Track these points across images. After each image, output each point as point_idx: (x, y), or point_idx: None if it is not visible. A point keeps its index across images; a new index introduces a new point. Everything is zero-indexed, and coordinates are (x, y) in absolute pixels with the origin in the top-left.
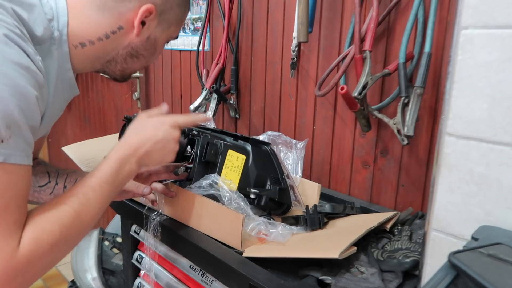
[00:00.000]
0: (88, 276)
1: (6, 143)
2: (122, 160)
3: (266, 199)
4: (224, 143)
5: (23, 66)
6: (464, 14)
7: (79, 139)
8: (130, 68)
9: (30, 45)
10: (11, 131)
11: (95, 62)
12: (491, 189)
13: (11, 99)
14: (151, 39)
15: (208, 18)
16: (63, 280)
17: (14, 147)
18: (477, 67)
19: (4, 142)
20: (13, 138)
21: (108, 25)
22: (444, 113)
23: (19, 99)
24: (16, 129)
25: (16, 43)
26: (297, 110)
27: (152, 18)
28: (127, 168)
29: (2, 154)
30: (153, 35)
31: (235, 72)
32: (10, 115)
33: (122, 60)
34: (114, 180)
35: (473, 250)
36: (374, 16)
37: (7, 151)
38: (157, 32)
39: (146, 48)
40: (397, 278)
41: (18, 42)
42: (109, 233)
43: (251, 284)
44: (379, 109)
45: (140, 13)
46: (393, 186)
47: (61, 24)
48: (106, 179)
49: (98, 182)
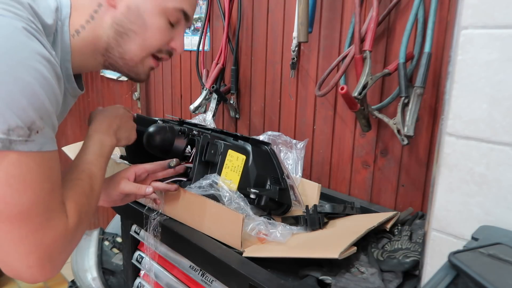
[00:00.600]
0: (88, 276)
1: (41, 133)
2: (102, 134)
3: (266, 199)
4: (224, 143)
5: (46, 58)
6: (464, 14)
7: (79, 139)
8: (128, 52)
9: (45, 38)
10: (44, 122)
11: (95, 53)
12: (491, 189)
13: (41, 91)
14: (132, 9)
15: (208, 18)
16: (63, 280)
17: (47, 136)
18: (477, 67)
19: (40, 132)
20: (46, 128)
21: (89, 5)
22: (444, 113)
23: (47, 91)
24: (48, 119)
25: (35, 36)
26: (297, 110)
27: None
28: (108, 141)
29: (39, 144)
30: (133, 2)
31: (235, 72)
32: (42, 106)
33: (115, 43)
34: (103, 152)
35: (473, 250)
36: (374, 16)
37: (42, 140)
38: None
39: (131, 21)
40: (397, 278)
41: (36, 35)
42: (109, 233)
43: (251, 284)
44: (379, 109)
45: None
46: (393, 186)
47: (64, 15)
48: (98, 153)
49: (93, 157)
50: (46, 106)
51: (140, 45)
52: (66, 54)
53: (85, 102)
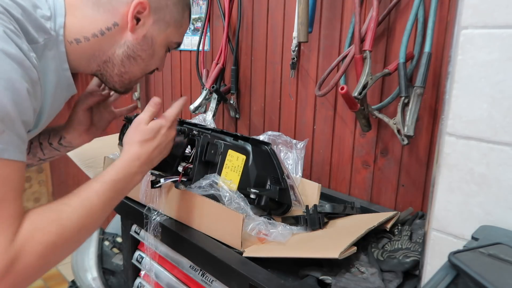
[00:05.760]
0: (88, 276)
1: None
2: (127, 168)
3: (266, 199)
4: (224, 143)
5: (18, 61)
6: (464, 14)
7: None
8: (129, 73)
9: (25, 41)
10: (4, 125)
11: (91, 61)
12: (491, 189)
13: (4, 92)
14: (147, 38)
15: (208, 18)
16: (63, 280)
17: (8, 142)
18: (477, 67)
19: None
20: (7, 132)
21: (102, 21)
22: (444, 113)
23: (13, 93)
24: (10, 123)
25: (11, 38)
26: (297, 110)
27: (146, 14)
28: (131, 174)
29: None
30: (150, 33)
31: (235, 72)
32: (4, 108)
33: (119, 62)
34: (119, 186)
35: (473, 250)
36: (374, 16)
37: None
38: (154, 31)
39: (144, 49)
40: (397, 278)
41: (12, 37)
42: (109, 233)
43: (251, 284)
44: (379, 109)
45: (133, 6)
46: (393, 186)
47: (58, 25)
48: (111, 186)
49: (103, 187)
50: (9, 110)
51: (142, 69)
52: (63, 63)
53: None
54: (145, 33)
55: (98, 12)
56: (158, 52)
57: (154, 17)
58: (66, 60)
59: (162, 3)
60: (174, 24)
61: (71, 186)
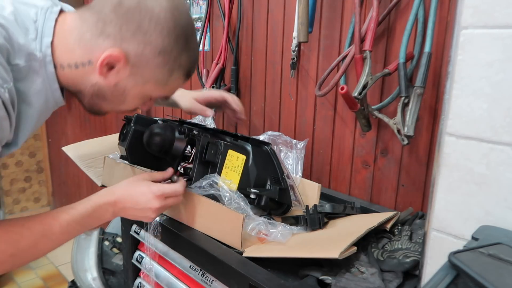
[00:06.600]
0: (88, 276)
1: None
2: (99, 206)
3: (266, 199)
4: (224, 143)
5: None
6: (464, 14)
7: (79, 139)
8: (98, 106)
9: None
10: None
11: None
12: (491, 189)
13: None
14: (119, 88)
15: (208, 18)
16: (63, 280)
17: None
18: (477, 67)
19: None
20: None
21: (78, 55)
22: (444, 113)
23: None
24: None
25: None
26: (297, 110)
27: (122, 65)
28: (101, 215)
29: None
30: (123, 83)
31: (235, 72)
32: None
33: (89, 96)
34: (85, 221)
35: (473, 250)
36: (374, 16)
37: None
38: (127, 83)
39: (114, 95)
40: (397, 278)
41: None
42: (109, 233)
43: (251, 284)
44: (379, 109)
45: (103, 56)
46: (393, 186)
47: (44, 45)
48: (77, 219)
49: (68, 219)
50: None
51: (112, 108)
52: (52, 83)
53: None
54: (118, 81)
55: (78, 45)
56: (131, 101)
57: (131, 70)
58: (56, 80)
59: (143, 61)
60: (155, 82)
61: (71, 186)
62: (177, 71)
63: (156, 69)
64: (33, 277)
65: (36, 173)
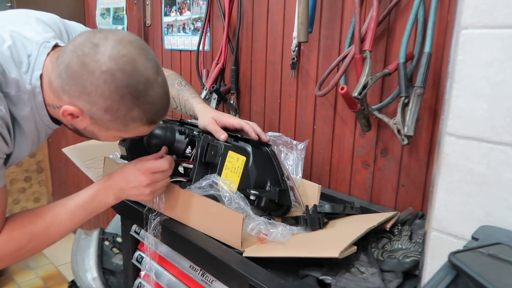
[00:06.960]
0: (88, 276)
1: None
2: (100, 190)
3: (266, 201)
4: (224, 144)
5: None
6: (464, 14)
7: (79, 139)
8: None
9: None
10: None
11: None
12: (491, 189)
13: None
14: (88, 130)
15: (208, 18)
16: (63, 280)
17: None
18: (477, 67)
19: None
20: None
21: (52, 99)
22: (444, 113)
23: None
24: None
25: None
26: (297, 110)
27: (82, 117)
28: (103, 198)
29: None
30: (90, 128)
31: (235, 72)
32: None
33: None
34: (89, 206)
35: (473, 250)
36: (374, 16)
37: None
38: (93, 128)
39: (88, 134)
40: (397, 278)
41: None
42: (109, 233)
43: (251, 284)
44: (379, 109)
45: (63, 109)
46: (393, 186)
47: (34, 78)
48: (81, 204)
49: (73, 205)
50: None
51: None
52: (41, 110)
53: None
54: (85, 127)
55: (50, 90)
56: (105, 139)
57: (91, 120)
58: (44, 107)
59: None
60: (116, 129)
61: (71, 186)
62: (132, 123)
63: (109, 122)
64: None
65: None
